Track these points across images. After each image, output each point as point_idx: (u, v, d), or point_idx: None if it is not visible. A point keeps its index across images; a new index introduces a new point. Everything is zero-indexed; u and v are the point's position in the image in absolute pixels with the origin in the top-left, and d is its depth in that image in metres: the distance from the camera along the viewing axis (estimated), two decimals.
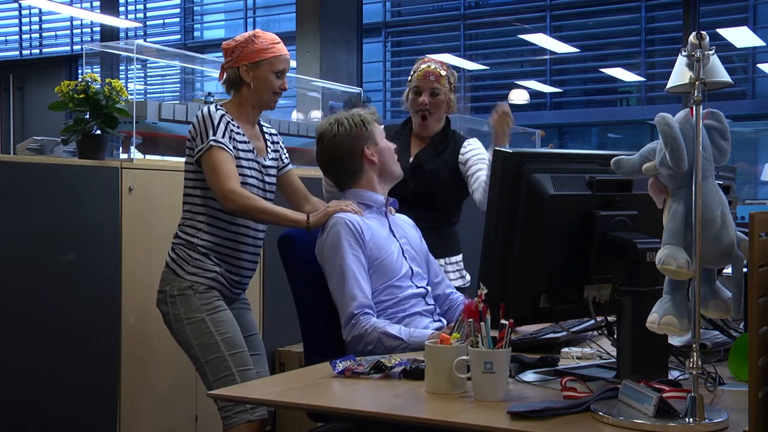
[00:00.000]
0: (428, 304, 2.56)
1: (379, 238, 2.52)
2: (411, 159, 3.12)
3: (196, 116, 2.68)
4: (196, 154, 2.64)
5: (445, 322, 2.55)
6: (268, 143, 2.85)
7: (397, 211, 2.74)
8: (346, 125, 2.62)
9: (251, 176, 2.70)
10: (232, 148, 2.63)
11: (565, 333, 2.22)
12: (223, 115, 2.66)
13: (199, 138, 2.63)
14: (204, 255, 2.67)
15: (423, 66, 3.14)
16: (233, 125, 2.68)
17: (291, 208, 2.80)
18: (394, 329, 2.36)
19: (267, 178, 2.78)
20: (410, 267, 2.55)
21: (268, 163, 2.80)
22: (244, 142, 2.70)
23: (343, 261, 2.42)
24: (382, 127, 2.73)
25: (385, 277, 2.47)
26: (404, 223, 2.72)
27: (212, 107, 2.68)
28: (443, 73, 3.13)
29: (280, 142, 2.92)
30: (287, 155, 2.94)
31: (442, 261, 3.07)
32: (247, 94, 2.73)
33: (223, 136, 2.62)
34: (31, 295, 2.90)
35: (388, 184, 2.69)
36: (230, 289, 2.74)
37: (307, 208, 2.87)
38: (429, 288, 2.61)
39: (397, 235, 2.61)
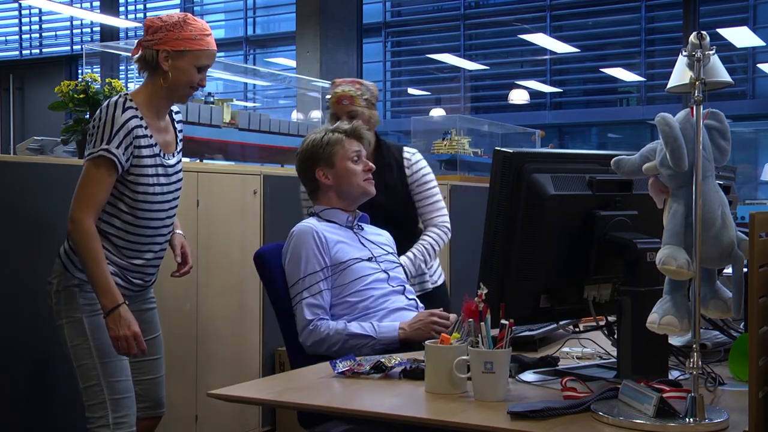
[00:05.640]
0: (409, 299, 2.62)
1: (345, 245, 2.58)
2: None
3: (101, 110, 2.40)
4: (86, 157, 2.38)
5: None
6: (178, 133, 2.59)
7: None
8: (307, 144, 2.70)
9: (157, 183, 2.46)
10: (125, 160, 2.37)
11: (540, 330, 2.25)
12: (129, 119, 2.38)
13: (94, 140, 2.36)
14: None
15: (336, 90, 3.05)
16: (140, 126, 2.41)
17: None
18: (356, 328, 2.45)
19: (175, 177, 2.53)
20: (385, 271, 2.61)
21: (175, 160, 2.54)
22: (149, 146, 2.43)
23: (297, 268, 2.52)
24: (357, 147, 2.67)
25: (354, 281, 2.53)
26: (378, 236, 2.75)
27: (119, 102, 2.39)
28: (356, 93, 3.03)
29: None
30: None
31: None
32: (161, 82, 2.44)
33: (118, 146, 2.34)
34: (31, 295, 2.90)
35: (352, 203, 2.69)
36: (130, 288, 2.50)
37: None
38: (407, 286, 2.67)
39: (369, 246, 2.65)
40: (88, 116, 3.15)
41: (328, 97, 3.10)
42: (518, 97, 12.80)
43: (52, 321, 2.49)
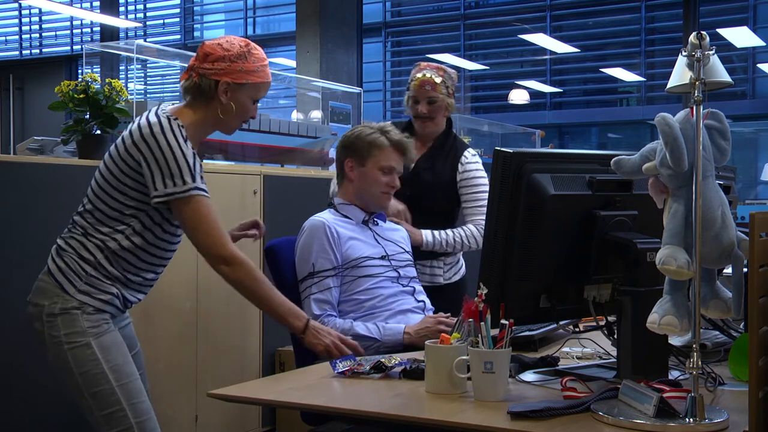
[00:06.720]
0: (418, 301, 2.61)
1: (357, 242, 2.59)
2: (411, 166, 3.12)
3: (165, 138, 2.17)
4: (167, 197, 2.17)
5: None
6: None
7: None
8: (353, 132, 2.70)
9: None
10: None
11: (540, 330, 2.26)
12: (194, 152, 2.23)
13: (174, 177, 2.16)
14: (103, 274, 2.23)
15: (419, 75, 3.13)
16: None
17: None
18: (362, 329, 2.45)
19: None
20: (396, 270, 2.60)
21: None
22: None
23: (308, 262, 2.52)
24: (395, 163, 2.67)
25: (364, 278, 2.53)
26: (394, 232, 2.76)
27: (177, 132, 2.19)
28: (438, 80, 3.12)
29: None
30: None
31: (440, 261, 3.10)
32: (213, 113, 2.27)
33: (202, 180, 2.21)
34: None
35: (367, 206, 2.70)
36: (122, 309, 2.33)
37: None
38: (417, 287, 2.66)
39: (383, 243, 2.66)
40: (88, 116, 3.16)
41: (410, 80, 3.15)
42: (518, 97, 12.80)
43: (41, 348, 2.26)
